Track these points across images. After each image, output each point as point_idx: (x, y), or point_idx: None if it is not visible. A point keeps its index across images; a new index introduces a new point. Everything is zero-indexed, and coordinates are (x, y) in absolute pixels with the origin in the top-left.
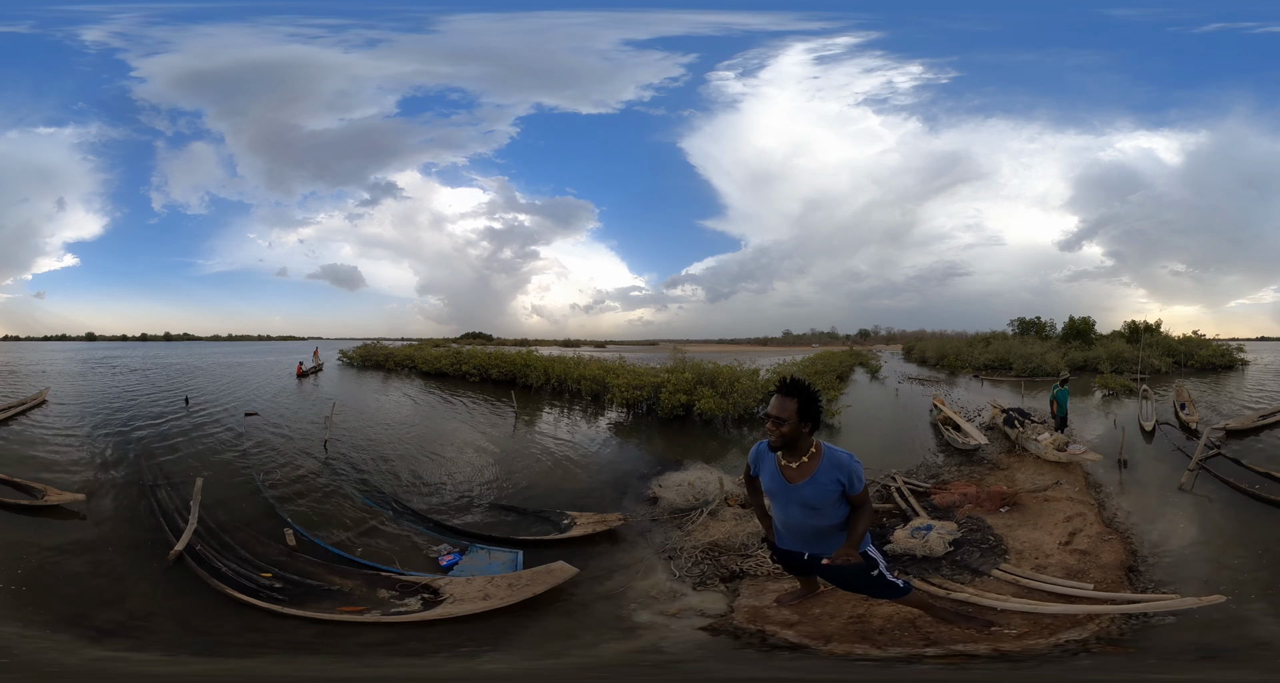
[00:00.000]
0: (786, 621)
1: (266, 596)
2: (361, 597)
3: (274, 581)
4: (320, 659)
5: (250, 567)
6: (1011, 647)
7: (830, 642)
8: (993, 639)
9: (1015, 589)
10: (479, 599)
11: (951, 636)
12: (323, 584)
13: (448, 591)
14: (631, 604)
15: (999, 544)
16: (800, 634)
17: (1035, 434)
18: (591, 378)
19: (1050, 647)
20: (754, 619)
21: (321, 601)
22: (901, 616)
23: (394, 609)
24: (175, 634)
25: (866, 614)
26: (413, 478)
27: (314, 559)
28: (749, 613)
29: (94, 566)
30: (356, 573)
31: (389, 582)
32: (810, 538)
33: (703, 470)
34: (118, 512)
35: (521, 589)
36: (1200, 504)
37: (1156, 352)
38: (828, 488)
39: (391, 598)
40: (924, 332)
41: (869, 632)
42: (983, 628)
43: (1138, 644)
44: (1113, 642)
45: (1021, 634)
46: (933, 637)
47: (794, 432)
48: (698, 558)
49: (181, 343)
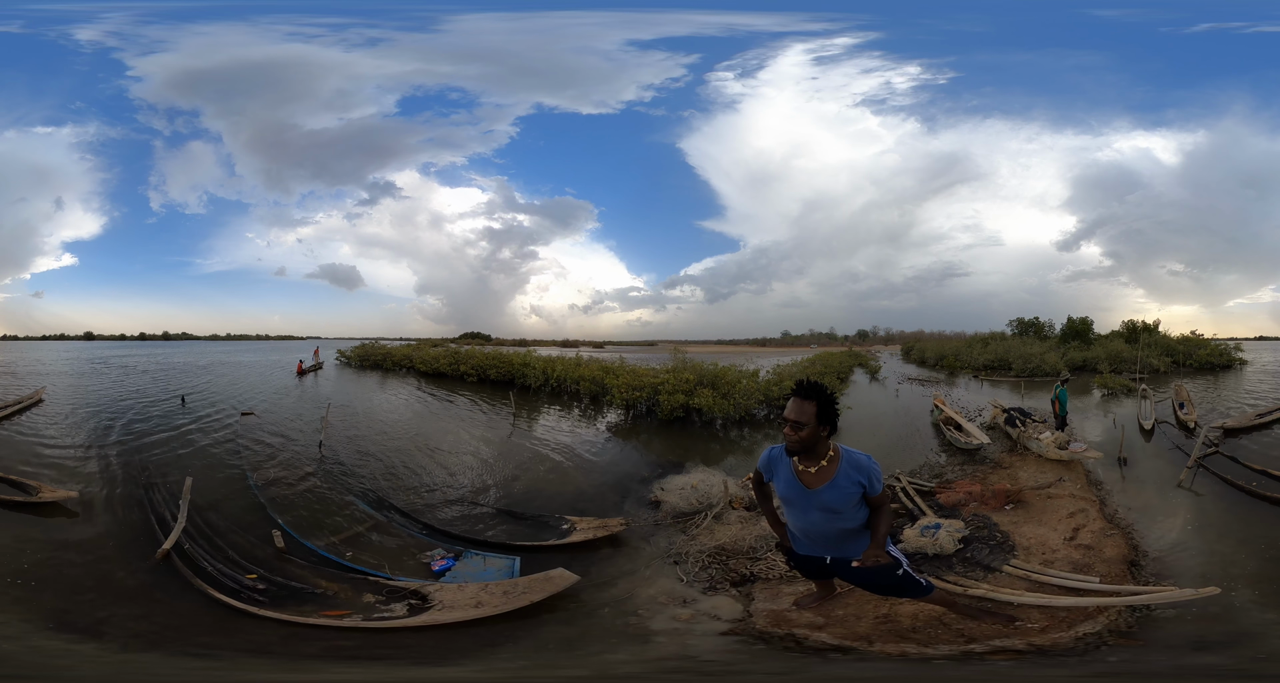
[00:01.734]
0: (813, 623)
1: (247, 597)
2: (346, 601)
3: (258, 582)
4: (267, 663)
5: (236, 568)
6: (1041, 641)
7: (873, 643)
8: (1022, 634)
9: (1027, 584)
10: (470, 607)
11: (983, 632)
12: (307, 587)
13: (437, 597)
14: (640, 611)
15: (1007, 541)
16: (835, 636)
17: (1036, 433)
18: (590, 379)
19: (1073, 640)
20: (777, 623)
21: (304, 603)
22: (927, 614)
23: (377, 615)
24: (147, 631)
25: (891, 614)
26: (408, 481)
27: (302, 562)
28: (770, 617)
29: (84, 563)
30: (344, 577)
31: (376, 587)
32: (833, 542)
33: (705, 473)
34: (111, 509)
35: (517, 597)
36: (1198, 501)
37: (1155, 351)
38: (849, 491)
39: (377, 603)
40: (923, 332)
41: (903, 631)
42: (1007, 623)
43: (1143, 637)
44: (1123, 635)
45: (1044, 628)
46: (968, 634)
47: (813, 436)
48: (705, 562)
49: (180, 342)
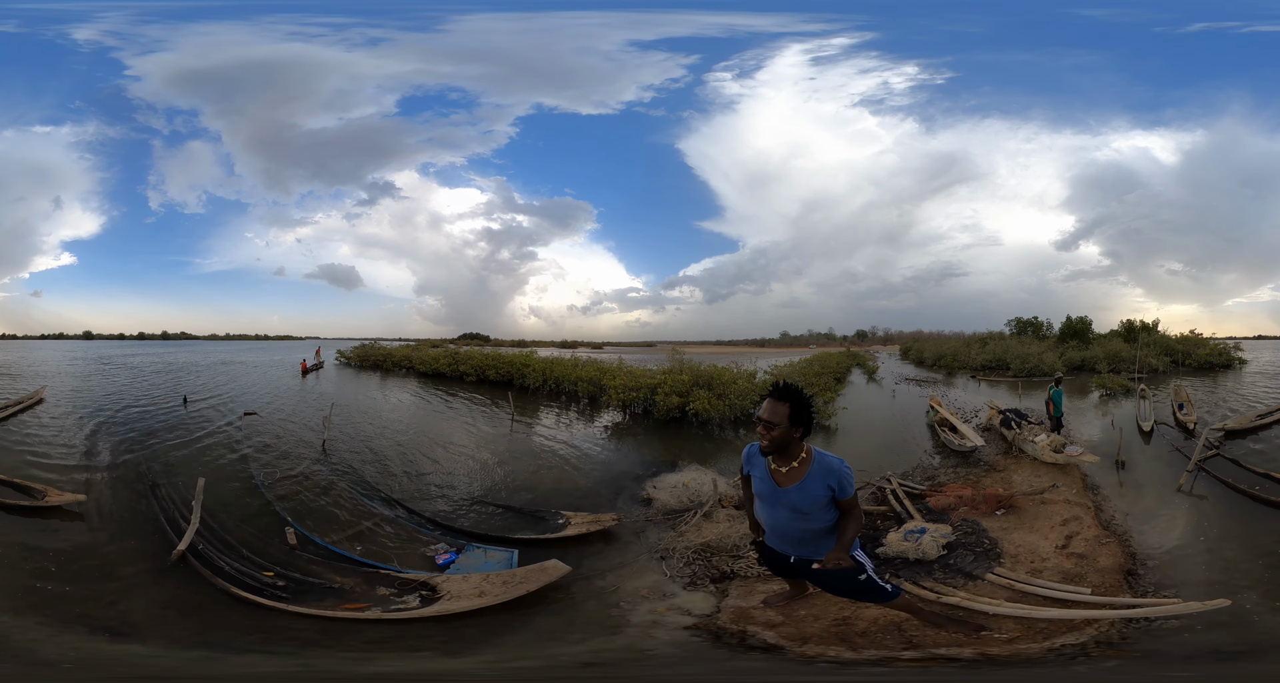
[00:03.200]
0: (770, 622)
1: (270, 593)
2: (362, 594)
3: (276, 579)
4: (326, 655)
5: (252, 565)
6: (999, 651)
7: (806, 644)
8: (979, 643)
9: (1010, 594)
10: (475, 597)
11: (935, 640)
12: (323, 582)
13: (445, 588)
14: (622, 603)
15: (994, 548)
16: (780, 636)
17: (1032, 436)
18: (588, 379)
19: (1043, 651)
20: (738, 620)
21: (323, 598)
22: (888, 619)
23: (393, 606)
24: (185, 633)
25: (852, 617)
26: (410, 478)
27: (314, 558)
28: (734, 614)
29: (98, 566)
30: (355, 571)
31: (388, 579)
32: (797, 541)
33: (697, 472)
34: (118, 512)
35: (515, 587)
36: (1200, 505)
37: (1154, 351)
38: (817, 493)
39: (390, 595)
40: (921, 332)
41: (850, 635)
42: (972, 632)
43: (1140, 648)
44: (1113, 645)
45: (1012, 639)
46: (914, 640)
47: (784, 437)
48: (690, 558)
49: (179, 342)
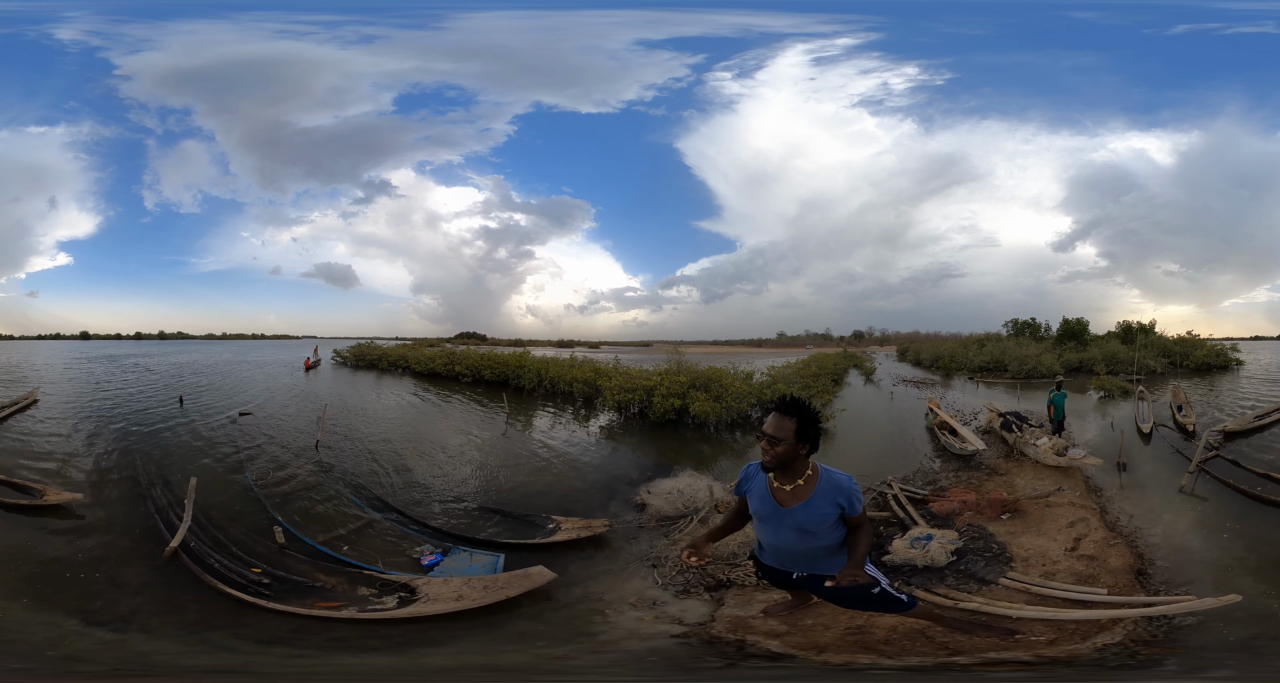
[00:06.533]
0: (772, 631)
1: (255, 591)
2: (342, 594)
3: (263, 576)
4: (282, 652)
5: (241, 563)
6: (1055, 653)
7: (824, 653)
8: (1027, 646)
9: (1027, 597)
10: (452, 600)
11: (976, 645)
12: (307, 581)
13: (424, 590)
14: (607, 610)
15: (1003, 552)
16: (787, 645)
17: (1033, 439)
18: (584, 380)
19: (1091, 651)
20: (735, 629)
21: (305, 596)
22: (907, 626)
23: (370, 607)
24: (169, 625)
25: (867, 626)
26: (401, 479)
27: (301, 557)
28: (731, 623)
29: (95, 563)
30: (340, 571)
31: (370, 580)
32: (803, 560)
33: (693, 478)
34: (115, 511)
35: (496, 592)
36: (1202, 506)
37: (1151, 352)
38: (825, 512)
39: (371, 596)
40: (918, 333)
41: (871, 643)
42: (1005, 636)
43: (1182, 644)
44: (1150, 644)
45: (1052, 641)
46: (953, 646)
47: (790, 453)
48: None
49: (175, 341)
